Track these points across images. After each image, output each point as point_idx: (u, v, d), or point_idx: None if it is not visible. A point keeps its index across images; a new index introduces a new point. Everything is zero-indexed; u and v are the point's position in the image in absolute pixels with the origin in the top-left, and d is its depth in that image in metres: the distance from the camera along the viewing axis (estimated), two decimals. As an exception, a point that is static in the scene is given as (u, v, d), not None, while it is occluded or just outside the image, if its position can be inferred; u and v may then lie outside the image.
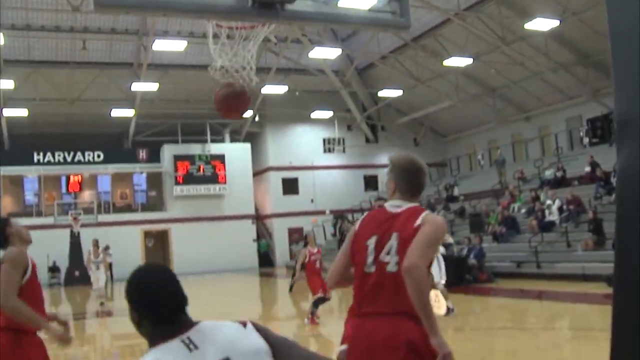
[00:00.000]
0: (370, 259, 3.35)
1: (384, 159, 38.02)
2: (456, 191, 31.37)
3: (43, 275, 30.44)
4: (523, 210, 24.16)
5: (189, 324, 2.17)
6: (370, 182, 40.45)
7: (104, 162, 35.84)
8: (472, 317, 13.70)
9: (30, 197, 36.19)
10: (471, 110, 35.10)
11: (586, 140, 30.27)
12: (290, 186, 39.02)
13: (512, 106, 34.51)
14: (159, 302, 2.15)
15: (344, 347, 3.50)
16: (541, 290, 16.62)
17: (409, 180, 3.57)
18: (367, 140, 40.56)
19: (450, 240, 22.01)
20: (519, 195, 25.90)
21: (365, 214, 3.55)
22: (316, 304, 12.86)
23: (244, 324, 2.23)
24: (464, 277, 18.95)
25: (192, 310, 2.26)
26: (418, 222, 3.37)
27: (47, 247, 30.65)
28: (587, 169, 24.04)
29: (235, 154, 37.82)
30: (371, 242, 3.36)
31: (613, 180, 21.86)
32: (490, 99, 34.11)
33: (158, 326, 2.14)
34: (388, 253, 3.32)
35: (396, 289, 3.24)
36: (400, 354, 3.17)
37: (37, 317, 4.18)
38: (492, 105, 34.26)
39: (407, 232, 3.32)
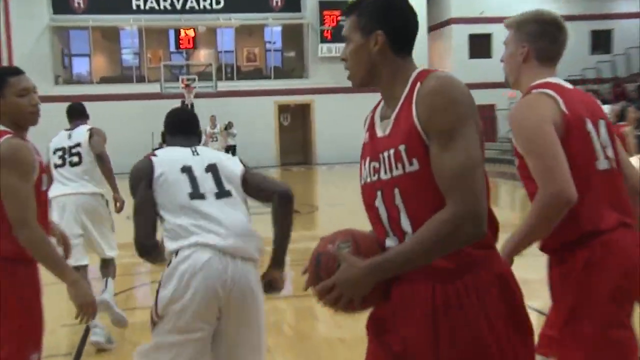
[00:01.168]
0: (599, 152, 2.73)
1: (622, 5, 31.87)
2: None
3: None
4: None
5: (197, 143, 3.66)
6: (601, 40, 32.67)
7: (225, 10, 30.79)
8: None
9: (128, 57, 32.28)
10: None
11: None
12: (480, 46, 32.50)
13: None
14: (179, 122, 3.72)
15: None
16: None
17: (560, 40, 2.88)
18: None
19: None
20: None
21: (548, 91, 2.73)
22: None
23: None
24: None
25: (333, 218, 5.53)
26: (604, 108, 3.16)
27: (151, 123, 25.65)
28: None
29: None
30: (591, 130, 2.74)
31: None
32: None
33: (174, 138, 3.62)
34: (607, 145, 2.78)
35: (624, 190, 2.79)
36: None
37: (61, 264, 3.17)
38: None
39: (607, 120, 2.91)
